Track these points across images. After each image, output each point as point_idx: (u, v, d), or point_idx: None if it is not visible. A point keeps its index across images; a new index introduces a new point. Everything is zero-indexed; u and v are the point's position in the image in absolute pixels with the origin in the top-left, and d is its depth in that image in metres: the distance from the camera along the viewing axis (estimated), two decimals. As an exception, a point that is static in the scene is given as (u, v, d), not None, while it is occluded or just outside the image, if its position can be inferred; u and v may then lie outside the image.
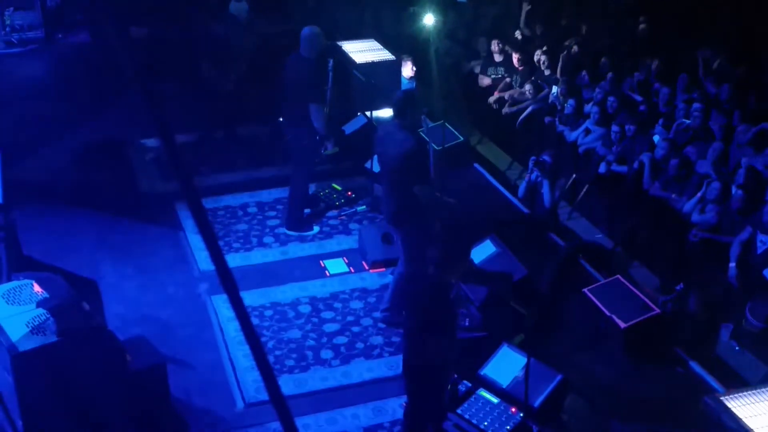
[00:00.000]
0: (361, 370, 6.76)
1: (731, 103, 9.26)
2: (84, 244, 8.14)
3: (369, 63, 8.96)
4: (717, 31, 10.96)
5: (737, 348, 7.10)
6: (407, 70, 10.12)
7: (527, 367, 6.05)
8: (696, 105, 9.10)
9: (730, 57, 10.32)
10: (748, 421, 4.43)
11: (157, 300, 7.46)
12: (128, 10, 10.14)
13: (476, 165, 10.08)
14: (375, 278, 7.85)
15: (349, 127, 9.84)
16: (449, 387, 5.68)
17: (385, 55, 9.28)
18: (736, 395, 4.62)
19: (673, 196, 8.23)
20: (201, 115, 10.44)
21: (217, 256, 1.65)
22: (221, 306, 7.28)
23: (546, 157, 8.38)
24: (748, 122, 8.75)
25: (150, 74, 1.60)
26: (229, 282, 1.67)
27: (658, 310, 6.82)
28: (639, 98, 9.89)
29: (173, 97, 10.35)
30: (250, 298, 7.49)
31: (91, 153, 9.96)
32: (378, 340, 7.09)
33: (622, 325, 6.70)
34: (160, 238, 8.38)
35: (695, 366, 6.78)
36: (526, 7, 12.19)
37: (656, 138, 8.92)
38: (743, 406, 4.54)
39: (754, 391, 4.66)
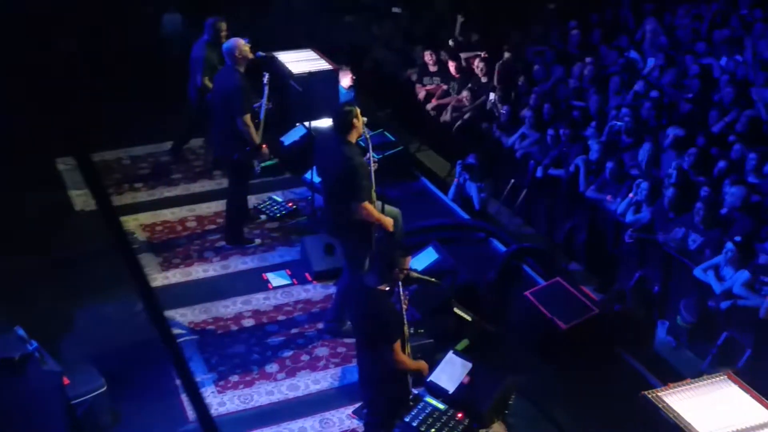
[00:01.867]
0: (307, 383, 6.73)
1: (657, 107, 9.49)
2: (19, 265, 7.95)
3: (306, 73, 8.96)
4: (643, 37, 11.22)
5: (674, 344, 7.28)
6: (345, 79, 10.14)
7: (472, 372, 6.14)
8: (624, 110, 9.32)
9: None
10: (685, 415, 4.55)
11: (97, 319, 7.33)
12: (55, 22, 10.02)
13: (416, 172, 10.14)
14: (319, 289, 7.83)
15: (288, 138, 9.81)
16: (406, 395, 5.70)
17: (322, 65, 9.30)
18: (673, 390, 4.73)
19: (608, 197, 8.41)
20: (140, 130, 10.34)
21: (141, 280, 1.63)
22: (163, 323, 7.18)
23: (472, 160, 8.50)
24: (675, 124, 8.98)
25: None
26: (153, 306, 1.66)
27: (597, 311, 6.94)
28: (574, 103, 10.07)
29: (109, 112, 10.23)
30: (192, 314, 7.42)
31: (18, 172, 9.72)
32: (323, 351, 7.07)
33: (563, 326, 6.81)
34: (97, 256, 8.23)
35: (634, 363, 6.92)
36: (460, 19, 12.33)
37: (590, 141, 9.10)
38: (680, 400, 4.65)
39: (690, 386, 4.78)
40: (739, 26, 11.60)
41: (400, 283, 5.37)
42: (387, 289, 5.26)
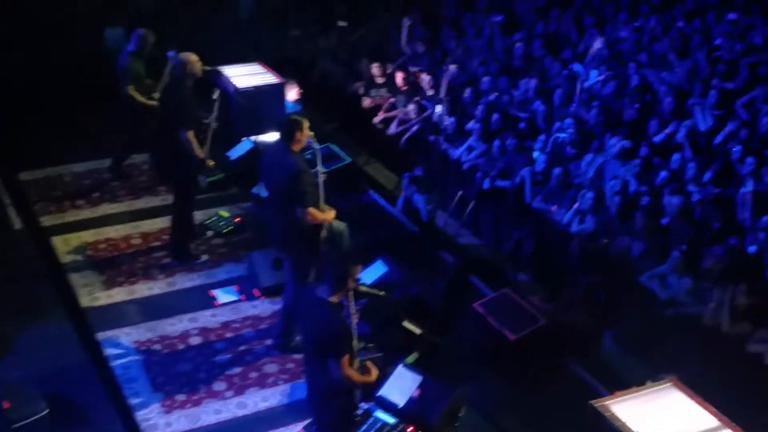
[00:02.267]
0: (256, 400, 6.66)
1: (599, 119, 9.64)
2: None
3: (252, 87, 8.91)
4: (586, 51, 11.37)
5: (619, 352, 7.35)
6: (292, 93, 10.09)
7: (422, 385, 6.13)
8: (567, 121, 9.45)
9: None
10: (632, 423, 4.59)
11: (38, 341, 7.15)
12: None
13: (363, 185, 10.13)
14: (267, 305, 7.77)
15: (235, 153, 9.71)
16: (354, 409, 5.67)
17: (269, 78, 9.24)
18: (619, 399, 4.78)
19: (554, 208, 8.49)
20: (83, 146, 10.22)
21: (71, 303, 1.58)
22: (106, 344, 7.06)
23: (419, 173, 8.54)
24: (618, 135, 9.12)
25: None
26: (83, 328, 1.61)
27: (544, 321, 6.99)
28: (520, 114, 10.16)
29: (50, 128, 10.04)
30: (137, 333, 7.30)
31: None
32: (272, 368, 7.01)
33: (512, 337, 6.84)
34: (38, 275, 8.04)
35: (582, 372, 6.97)
36: (407, 23, 12.34)
37: (535, 153, 9.20)
38: (627, 408, 4.69)
39: (636, 394, 4.83)
40: (678, 39, 11.84)
41: (350, 295, 5.35)
42: (338, 302, 5.24)
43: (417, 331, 7.06)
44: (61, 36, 11.78)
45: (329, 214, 6.73)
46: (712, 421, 4.70)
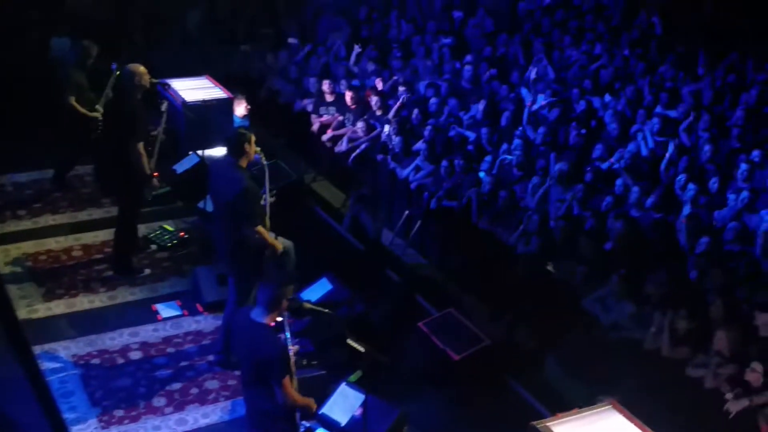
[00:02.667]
0: (197, 416, 6.57)
1: (545, 140, 9.79)
2: None
3: (200, 101, 8.84)
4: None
5: (562, 374, 7.42)
6: (240, 108, 10.04)
7: (365, 403, 6.10)
8: (516, 142, 9.57)
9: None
10: (573, 444, 4.63)
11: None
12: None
13: (310, 203, 10.11)
14: (210, 321, 7.68)
15: (181, 166, 9.62)
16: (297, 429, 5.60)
17: (217, 93, 9.18)
18: (561, 420, 4.81)
19: (499, 229, 8.57)
20: (24, 156, 10.04)
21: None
22: (43, 358, 6.91)
23: (366, 191, 8.56)
24: (562, 159, 9.26)
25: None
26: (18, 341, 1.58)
27: (488, 341, 7.04)
28: (469, 135, 10.25)
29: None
30: (76, 346, 7.16)
31: None
32: (213, 384, 6.93)
33: (455, 357, 6.87)
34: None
35: (524, 393, 7.03)
36: (356, 50, 12.44)
37: (482, 174, 9.29)
38: (568, 430, 4.73)
39: (577, 415, 4.88)
40: (622, 66, 12.11)
41: (286, 315, 5.30)
42: (273, 324, 5.17)
43: (361, 348, 7.04)
44: (5, 45, 11.59)
45: (277, 245, 6.75)
46: (650, 442, 4.76)
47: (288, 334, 5.27)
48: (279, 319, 5.24)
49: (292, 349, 5.25)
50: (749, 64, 11.94)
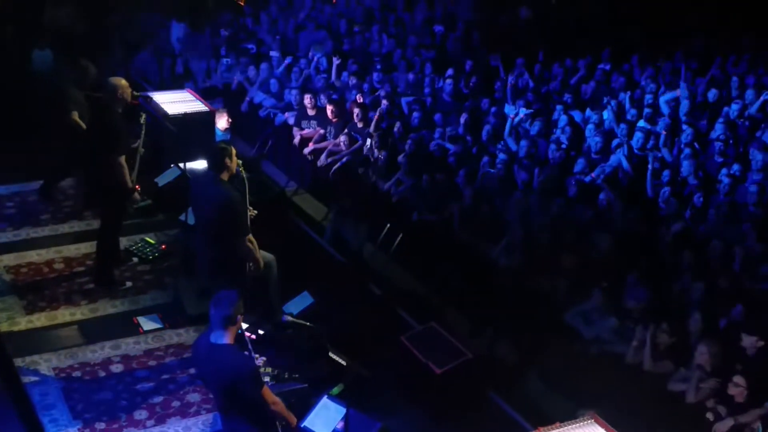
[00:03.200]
0: (178, 430, 6.55)
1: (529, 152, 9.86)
2: None
3: (182, 114, 8.83)
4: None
5: (544, 388, 7.45)
6: (222, 121, 10.05)
7: (347, 417, 6.11)
8: (501, 156, 9.63)
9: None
10: (555, 459, 4.65)
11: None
12: None
13: (292, 216, 10.11)
14: (192, 334, 7.65)
15: (162, 179, 9.62)
16: None
17: (198, 106, 9.17)
18: (542, 434, 4.83)
19: (481, 243, 8.60)
20: (5, 168, 10.03)
21: None
22: (24, 371, 6.87)
23: (347, 204, 8.58)
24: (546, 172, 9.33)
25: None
26: None
27: (470, 355, 7.06)
28: (450, 147, 10.30)
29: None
30: (57, 359, 7.11)
31: None
32: (195, 397, 6.90)
33: (437, 370, 6.88)
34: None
35: (506, 407, 7.04)
36: (336, 62, 12.51)
37: (464, 187, 9.32)
38: (550, 444, 4.75)
39: (558, 429, 4.90)
40: (603, 80, 12.23)
41: (242, 329, 5.29)
42: (233, 341, 5.15)
43: (343, 362, 7.06)
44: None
45: (261, 261, 6.80)
46: (631, 455, 4.79)
47: (250, 347, 5.27)
48: (239, 332, 5.24)
49: (259, 361, 5.25)
50: (733, 80, 12.08)
